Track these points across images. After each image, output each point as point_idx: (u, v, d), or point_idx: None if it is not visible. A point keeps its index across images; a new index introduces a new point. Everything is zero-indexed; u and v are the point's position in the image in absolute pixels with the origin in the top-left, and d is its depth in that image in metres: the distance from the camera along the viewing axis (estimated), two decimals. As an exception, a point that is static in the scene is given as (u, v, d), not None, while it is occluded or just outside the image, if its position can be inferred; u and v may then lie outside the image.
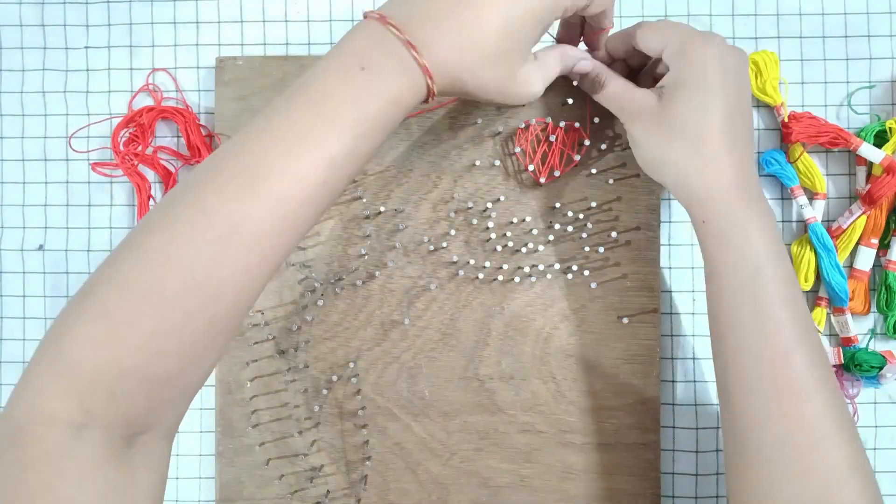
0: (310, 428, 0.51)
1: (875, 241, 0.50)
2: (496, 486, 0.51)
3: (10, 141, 0.54)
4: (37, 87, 0.54)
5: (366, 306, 0.51)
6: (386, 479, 0.51)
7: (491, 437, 0.51)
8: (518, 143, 0.50)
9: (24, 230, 0.54)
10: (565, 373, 0.50)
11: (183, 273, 0.32)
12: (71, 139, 0.53)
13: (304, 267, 0.51)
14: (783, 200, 0.52)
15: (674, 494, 0.52)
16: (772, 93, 0.50)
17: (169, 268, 0.32)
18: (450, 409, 0.51)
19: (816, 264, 0.50)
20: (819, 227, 0.50)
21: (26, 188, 0.54)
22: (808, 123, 0.50)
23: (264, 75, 0.51)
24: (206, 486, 0.53)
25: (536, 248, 0.50)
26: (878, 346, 0.51)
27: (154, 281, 0.32)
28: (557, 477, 0.50)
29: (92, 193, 0.54)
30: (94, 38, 0.54)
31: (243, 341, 0.51)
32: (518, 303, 0.50)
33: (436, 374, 0.51)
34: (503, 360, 0.51)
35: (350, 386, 0.51)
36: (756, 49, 0.52)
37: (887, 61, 0.52)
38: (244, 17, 0.53)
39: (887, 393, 0.51)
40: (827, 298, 0.51)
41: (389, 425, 0.51)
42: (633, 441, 0.50)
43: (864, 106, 0.52)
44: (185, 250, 0.33)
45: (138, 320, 0.32)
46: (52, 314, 0.53)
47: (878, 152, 0.49)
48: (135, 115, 0.52)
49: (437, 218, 0.51)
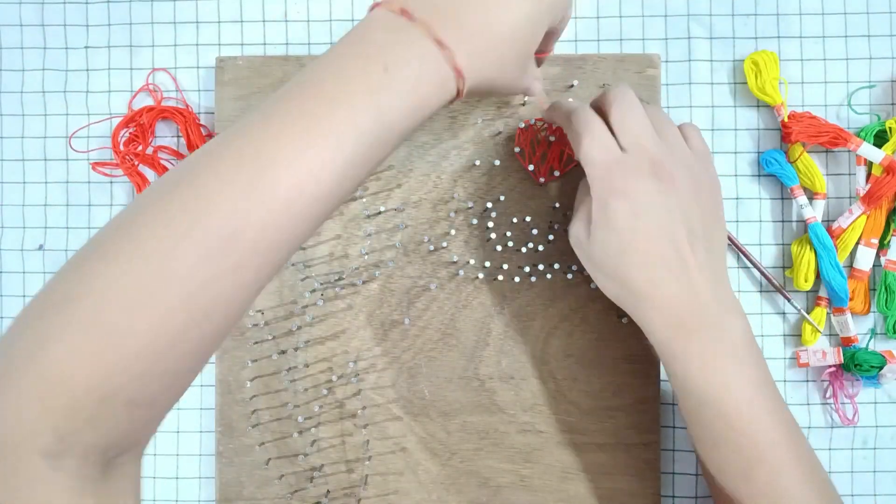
0: (310, 428, 0.51)
1: (875, 240, 0.50)
2: (496, 486, 0.51)
3: (10, 141, 0.54)
4: (37, 87, 0.54)
5: (366, 306, 0.51)
6: (386, 479, 0.51)
7: (491, 437, 0.51)
8: (518, 143, 0.50)
9: (24, 230, 0.54)
10: (565, 373, 0.50)
11: (178, 287, 0.29)
12: (71, 139, 0.53)
13: (305, 267, 0.51)
14: (783, 200, 0.52)
15: (674, 494, 0.52)
16: (772, 93, 0.50)
17: (164, 279, 0.29)
18: (450, 408, 0.51)
19: (816, 264, 0.50)
20: (819, 226, 0.50)
21: (26, 188, 0.54)
22: (808, 123, 0.50)
23: (264, 75, 0.51)
24: (206, 486, 0.53)
25: (536, 248, 0.50)
26: (878, 346, 0.51)
27: (147, 294, 0.28)
28: (557, 477, 0.50)
29: (92, 193, 0.54)
30: (94, 38, 0.54)
31: (243, 341, 0.51)
32: (518, 303, 0.50)
33: (436, 373, 0.51)
34: (503, 360, 0.51)
35: (350, 386, 0.51)
36: (756, 49, 0.52)
37: (887, 61, 0.52)
38: (244, 17, 0.53)
39: (887, 393, 0.51)
40: (827, 298, 0.51)
41: (389, 425, 0.51)
42: (633, 441, 0.50)
43: (864, 106, 0.52)
44: (183, 259, 0.29)
45: (125, 339, 0.28)
46: (52, 314, 0.53)
47: (878, 152, 0.49)
48: (135, 115, 0.52)
49: (437, 218, 0.51)
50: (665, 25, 0.52)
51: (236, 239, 0.29)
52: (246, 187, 0.29)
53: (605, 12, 0.52)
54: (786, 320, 0.52)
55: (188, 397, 0.53)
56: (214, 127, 0.51)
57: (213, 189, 0.30)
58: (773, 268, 0.52)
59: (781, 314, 0.52)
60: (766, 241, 0.52)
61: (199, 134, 0.52)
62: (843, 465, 0.51)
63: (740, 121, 0.52)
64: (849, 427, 0.51)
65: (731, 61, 0.52)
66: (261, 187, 0.30)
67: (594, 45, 0.52)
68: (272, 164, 0.30)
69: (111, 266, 0.29)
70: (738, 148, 0.52)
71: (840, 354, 0.50)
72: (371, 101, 0.32)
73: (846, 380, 0.51)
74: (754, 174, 0.52)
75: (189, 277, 0.29)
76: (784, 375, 0.52)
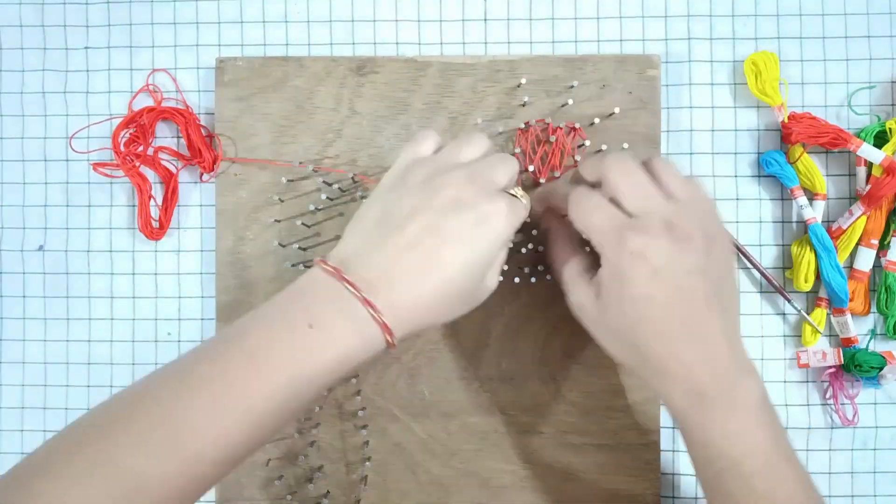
0: (310, 428, 0.51)
1: (875, 241, 0.50)
2: (496, 486, 0.51)
3: (10, 141, 0.54)
4: (37, 88, 0.54)
5: (366, 307, 0.51)
6: (386, 479, 0.51)
7: (491, 437, 0.51)
8: (518, 144, 0.50)
9: (24, 230, 0.54)
10: (565, 373, 0.50)
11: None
12: (71, 140, 0.53)
13: (305, 267, 0.51)
14: (783, 201, 0.52)
15: (674, 495, 0.52)
16: (772, 93, 0.50)
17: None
18: (450, 409, 0.51)
19: (816, 265, 0.50)
20: (819, 227, 0.50)
21: (26, 188, 0.54)
22: (809, 124, 0.50)
23: (264, 76, 0.51)
24: (206, 486, 0.53)
25: (536, 248, 0.50)
26: (878, 347, 0.51)
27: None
28: (557, 477, 0.50)
29: (92, 194, 0.54)
30: (94, 39, 0.54)
31: (243, 342, 0.51)
32: (518, 303, 0.50)
33: (436, 374, 0.51)
34: (503, 360, 0.51)
35: (350, 386, 0.51)
36: (756, 49, 0.52)
37: (887, 62, 0.52)
38: (244, 18, 0.53)
39: (887, 393, 0.51)
40: (827, 299, 0.51)
41: (389, 426, 0.51)
42: (632, 441, 0.50)
43: (865, 106, 0.52)
44: (95, 501, 0.30)
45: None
46: (52, 314, 0.53)
47: (878, 153, 0.49)
48: (135, 116, 0.52)
49: (437, 218, 0.51)
50: (665, 26, 0.52)
51: (141, 490, 0.31)
52: (154, 449, 0.31)
53: (605, 13, 0.52)
54: (786, 321, 0.52)
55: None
56: (214, 127, 0.51)
57: (124, 445, 0.31)
58: (773, 268, 0.52)
59: (781, 315, 0.52)
60: (766, 241, 0.52)
61: (199, 134, 0.52)
62: (843, 466, 0.51)
63: (740, 121, 0.52)
64: (849, 428, 0.51)
65: (731, 62, 0.52)
66: (168, 448, 0.31)
67: (594, 45, 0.52)
68: (180, 430, 0.31)
69: (48, 483, 0.30)
70: (738, 149, 0.52)
71: (840, 355, 0.50)
72: (291, 358, 0.33)
73: (846, 380, 0.51)
74: (754, 175, 0.52)
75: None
76: (784, 376, 0.52)
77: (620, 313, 0.38)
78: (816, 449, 0.52)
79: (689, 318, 0.37)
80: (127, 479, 0.30)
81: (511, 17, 0.53)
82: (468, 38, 0.53)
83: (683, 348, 0.37)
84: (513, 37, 0.53)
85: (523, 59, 0.51)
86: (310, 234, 0.51)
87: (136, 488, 0.30)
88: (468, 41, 0.53)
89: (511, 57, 0.51)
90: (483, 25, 0.53)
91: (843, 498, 0.51)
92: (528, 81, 0.50)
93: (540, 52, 0.52)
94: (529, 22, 0.53)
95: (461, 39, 0.53)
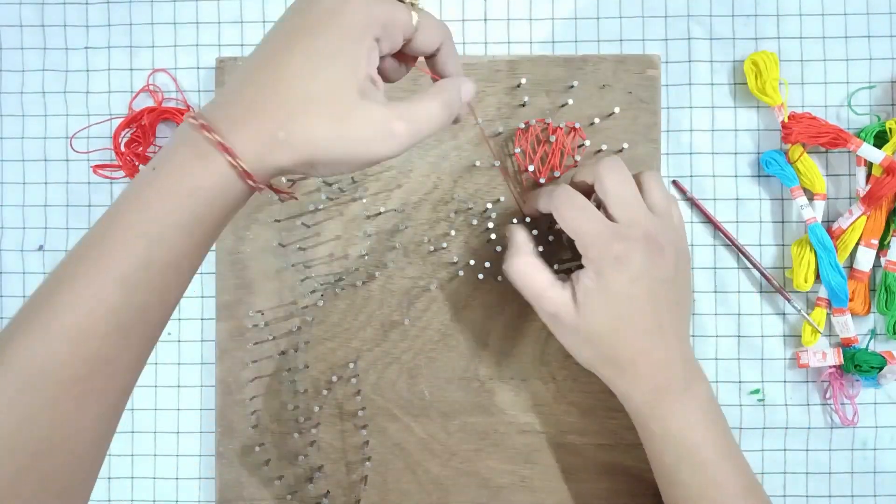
0: (310, 428, 0.51)
1: (875, 241, 0.50)
2: (496, 486, 0.51)
3: (10, 141, 0.54)
4: (37, 88, 0.54)
5: (366, 307, 0.51)
6: (386, 479, 0.51)
7: (491, 437, 0.51)
8: (518, 144, 0.50)
9: (24, 230, 0.54)
10: (565, 373, 0.50)
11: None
12: (72, 140, 0.53)
13: (305, 267, 0.51)
14: (783, 201, 0.52)
15: (674, 495, 0.52)
16: (772, 93, 0.50)
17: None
18: (450, 409, 0.51)
19: (816, 265, 0.50)
20: (819, 227, 0.50)
21: (26, 189, 0.54)
22: (808, 124, 0.50)
23: (264, 76, 0.51)
24: (206, 486, 0.53)
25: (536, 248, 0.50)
26: (878, 347, 0.51)
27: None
28: (557, 477, 0.50)
29: (92, 194, 0.54)
30: (94, 39, 0.54)
31: (243, 341, 0.51)
32: (518, 303, 0.50)
33: (436, 374, 0.51)
34: (503, 360, 0.51)
35: (350, 386, 0.51)
36: (756, 49, 0.52)
37: (887, 61, 0.52)
38: (244, 18, 0.53)
39: (887, 393, 0.51)
40: (827, 299, 0.51)
41: (389, 426, 0.51)
42: (633, 441, 0.50)
43: (864, 106, 0.52)
44: (2, 393, 0.30)
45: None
46: (53, 314, 0.53)
47: (878, 153, 0.49)
48: (136, 116, 0.52)
49: (437, 218, 0.51)
50: (665, 26, 0.52)
51: (44, 374, 0.30)
52: (41, 331, 0.30)
53: (605, 13, 0.52)
54: (786, 321, 0.52)
55: (188, 398, 0.53)
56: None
57: (17, 332, 0.31)
58: (773, 268, 0.52)
59: (781, 315, 0.52)
60: (766, 241, 0.52)
61: (199, 134, 0.51)
62: (843, 466, 0.51)
63: (740, 121, 0.52)
64: (849, 428, 0.51)
65: (731, 62, 0.52)
66: (52, 331, 0.30)
67: (594, 45, 0.52)
68: (57, 311, 0.31)
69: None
70: (738, 149, 0.52)
71: (840, 355, 0.50)
72: (137, 203, 0.31)
73: (846, 380, 0.51)
74: (754, 175, 0.52)
75: (8, 412, 0.30)
76: (784, 376, 0.52)
77: (598, 312, 0.41)
78: (816, 449, 0.52)
79: (658, 320, 0.42)
80: (21, 367, 0.30)
81: (511, 17, 0.53)
82: (468, 38, 0.53)
83: (649, 348, 0.42)
84: (513, 37, 0.53)
85: (523, 59, 0.51)
86: (310, 234, 0.51)
87: (40, 373, 0.30)
88: (468, 41, 0.53)
89: (511, 57, 0.51)
90: (483, 25, 0.53)
91: (843, 498, 0.51)
92: (528, 81, 0.50)
93: (540, 52, 0.52)
94: (529, 22, 0.53)
95: (461, 39, 0.53)
